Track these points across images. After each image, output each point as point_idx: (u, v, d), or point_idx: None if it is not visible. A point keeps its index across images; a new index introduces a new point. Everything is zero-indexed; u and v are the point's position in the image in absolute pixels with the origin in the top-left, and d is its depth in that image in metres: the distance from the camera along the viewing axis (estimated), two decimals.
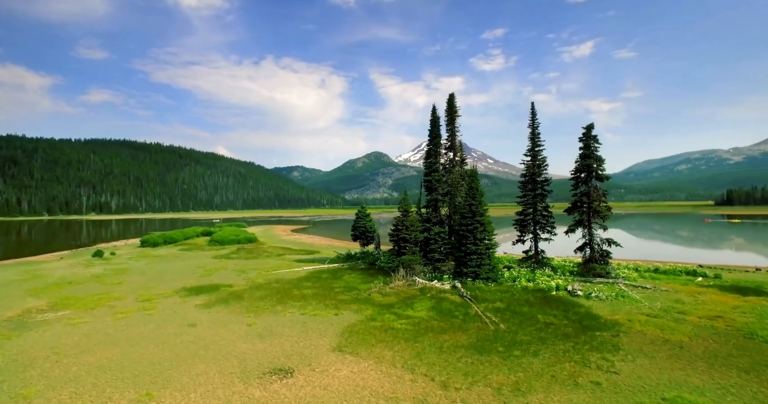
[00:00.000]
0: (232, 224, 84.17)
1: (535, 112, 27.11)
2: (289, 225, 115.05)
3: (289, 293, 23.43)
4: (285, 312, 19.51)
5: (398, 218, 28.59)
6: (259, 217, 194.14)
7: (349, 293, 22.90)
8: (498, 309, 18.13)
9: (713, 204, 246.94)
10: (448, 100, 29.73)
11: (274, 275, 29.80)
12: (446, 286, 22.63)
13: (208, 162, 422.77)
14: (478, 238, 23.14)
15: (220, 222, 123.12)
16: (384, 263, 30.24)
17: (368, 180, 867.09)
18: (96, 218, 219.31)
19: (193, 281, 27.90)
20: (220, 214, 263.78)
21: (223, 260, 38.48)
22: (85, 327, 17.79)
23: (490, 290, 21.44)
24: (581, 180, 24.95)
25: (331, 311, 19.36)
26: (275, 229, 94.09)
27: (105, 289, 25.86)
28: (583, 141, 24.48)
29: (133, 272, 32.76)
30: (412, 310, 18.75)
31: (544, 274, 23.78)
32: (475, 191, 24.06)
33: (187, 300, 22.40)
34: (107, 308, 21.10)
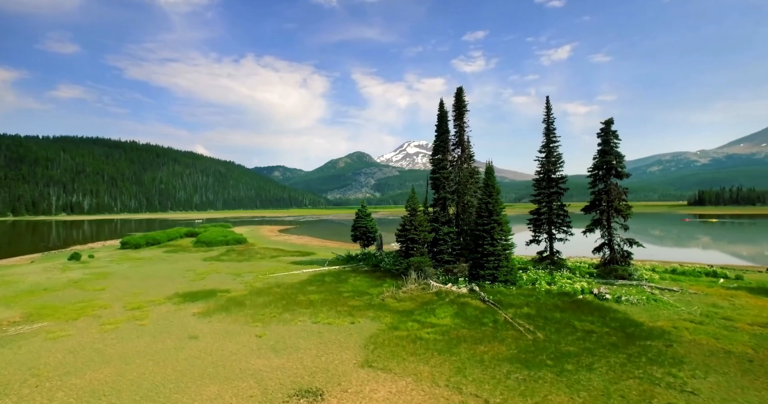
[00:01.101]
0: (217, 224, 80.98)
1: (549, 106, 26.10)
2: (275, 225, 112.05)
3: (294, 298, 21.67)
4: (295, 320, 17.79)
5: (406, 218, 27.15)
6: (241, 217, 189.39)
7: (360, 298, 21.32)
8: (528, 316, 16.91)
9: (686, 204, 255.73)
10: (456, 94, 28.50)
11: (272, 278, 27.88)
12: (463, 290, 21.33)
13: (186, 161, 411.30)
14: (495, 238, 21.94)
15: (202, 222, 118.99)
16: (390, 266, 28.75)
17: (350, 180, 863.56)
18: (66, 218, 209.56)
19: (185, 286, 25.74)
20: (200, 214, 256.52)
21: (213, 263, 36.17)
22: (69, 341, 15.63)
23: (512, 294, 20.23)
24: (599, 177, 24.07)
25: (346, 318, 17.76)
26: (261, 229, 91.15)
27: (87, 296, 23.45)
28: (602, 137, 23.60)
29: (117, 276, 30.21)
30: (434, 317, 17.34)
31: (564, 276, 22.77)
32: (491, 188, 22.86)
33: (182, 308, 20.36)
34: (92, 318, 18.87)
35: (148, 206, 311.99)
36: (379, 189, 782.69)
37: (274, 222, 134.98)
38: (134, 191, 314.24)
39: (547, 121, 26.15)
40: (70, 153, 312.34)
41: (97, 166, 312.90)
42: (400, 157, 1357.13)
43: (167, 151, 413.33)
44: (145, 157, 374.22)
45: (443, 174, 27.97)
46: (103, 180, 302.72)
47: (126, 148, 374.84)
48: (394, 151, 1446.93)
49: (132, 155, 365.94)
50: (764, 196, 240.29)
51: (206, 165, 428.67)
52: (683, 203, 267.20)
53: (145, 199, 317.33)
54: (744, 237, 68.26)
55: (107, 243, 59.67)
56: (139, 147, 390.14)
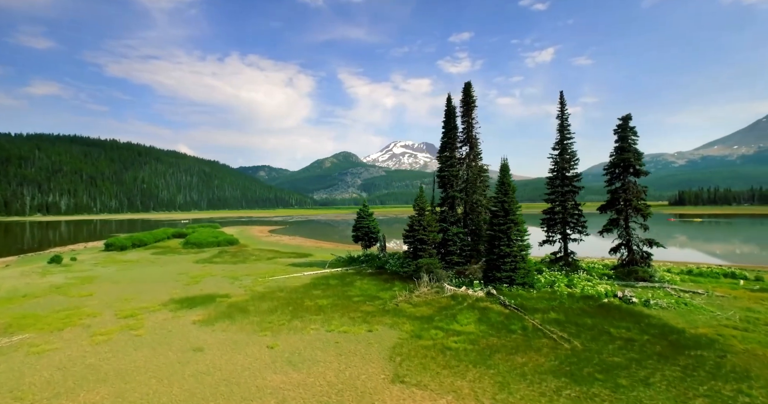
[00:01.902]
0: (204, 224, 78.46)
1: (564, 102, 25.31)
2: (264, 226, 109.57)
3: (301, 304, 20.30)
4: (306, 328, 16.45)
5: (414, 218, 26.05)
6: (228, 217, 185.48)
7: (371, 303, 20.08)
8: (558, 322, 15.95)
9: (668, 204, 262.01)
10: (464, 89, 27.52)
11: (273, 282, 26.39)
12: (480, 293, 20.32)
13: (170, 160, 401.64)
14: (512, 239, 21.00)
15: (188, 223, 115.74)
16: (397, 268, 27.59)
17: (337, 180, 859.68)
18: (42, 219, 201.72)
19: (180, 291, 24.06)
20: (185, 215, 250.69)
21: (207, 265, 34.35)
22: (56, 356, 13.98)
23: (533, 298, 19.30)
24: (616, 175, 23.39)
25: (362, 326, 16.51)
26: (251, 230, 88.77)
27: (72, 303, 21.58)
28: (619, 134, 22.92)
29: (103, 280, 28.22)
30: (457, 323, 16.24)
31: (582, 278, 21.97)
32: (507, 187, 21.93)
33: (180, 315, 18.78)
34: (80, 328, 17.16)
35: (129, 207, 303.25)
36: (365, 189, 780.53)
37: (263, 223, 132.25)
38: (115, 191, 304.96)
39: (561, 117, 25.37)
40: (45, 151, 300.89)
41: (74, 165, 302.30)
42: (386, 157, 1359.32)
43: (149, 150, 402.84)
44: (127, 156, 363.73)
45: (452, 172, 26.95)
46: (82, 179, 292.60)
47: (106, 146, 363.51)
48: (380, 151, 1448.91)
49: (112, 153, 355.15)
50: (739, 196, 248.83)
51: (190, 165, 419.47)
52: (665, 203, 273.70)
53: (126, 199, 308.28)
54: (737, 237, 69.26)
55: (89, 245, 56.85)
56: (119, 146, 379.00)
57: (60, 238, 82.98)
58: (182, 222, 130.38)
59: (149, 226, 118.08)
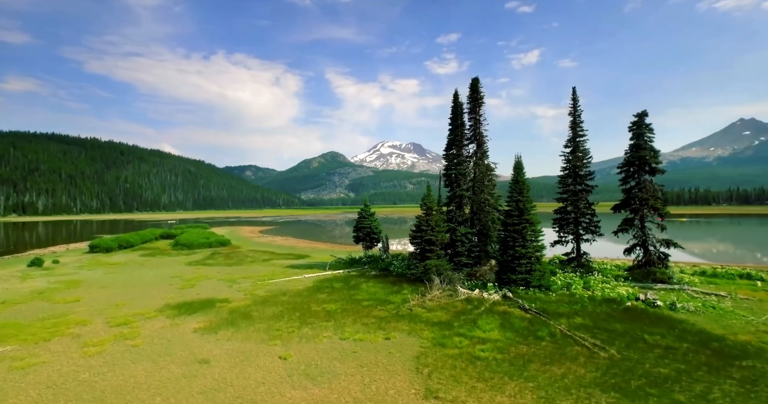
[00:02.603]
0: (192, 225, 76.17)
1: (576, 98, 24.67)
2: (254, 226, 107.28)
3: (308, 309, 19.16)
4: (318, 336, 15.35)
5: (421, 217, 25.14)
6: (215, 218, 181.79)
7: (383, 307, 19.06)
8: (585, 327, 15.18)
9: None
10: (472, 85, 26.70)
11: (273, 285, 25.14)
12: (495, 296, 19.49)
13: (154, 160, 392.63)
14: (527, 239, 20.25)
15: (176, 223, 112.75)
16: (402, 270, 26.61)
17: (324, 180, 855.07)
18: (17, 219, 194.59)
19: (175, 296, 22.63)
20: (170, 215, 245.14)
21: (200, 268, 32.79)
22: (43, 371, 12.60)
23: (552, 301, 18.53)
24: (630, 174, 22.85)
25: (377, 333, 15.49)
26: (241, 230, 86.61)
27: (58, 310, 19.99)
28: (634, 130, 22.34)
29: (91, 285, 26.53)
30: (479, 330, 15.34)
31: (598, 280, 21.32)
32: (521, 185, 21.19)
33: (178, 323, 17.45)
34: (69, 338, 15.72)
35: (111, 207, 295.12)
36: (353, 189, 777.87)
37: (252, 223, 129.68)
38: (96, 191, 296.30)
39: (573, 114, 24.76)
40: (21, 150, 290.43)
41: (53, 164, 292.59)
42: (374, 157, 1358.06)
43: (132, 149, 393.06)
44: (108, 155, 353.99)
45: (460, 170, 26.12)
46: (60, 179, 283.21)
47: (86, 145, 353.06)
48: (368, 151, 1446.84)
49: (93, 152, 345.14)
50: (718, 196, 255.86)
51: (175, 164, 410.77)
52: None
53: (108, 199, 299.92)
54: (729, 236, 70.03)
55: (71, 246, 54.32)
56: (101, 144, 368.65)
57: (38, 239, 79.46)
58: (169, 223, 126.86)
59: (133, 227, 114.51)
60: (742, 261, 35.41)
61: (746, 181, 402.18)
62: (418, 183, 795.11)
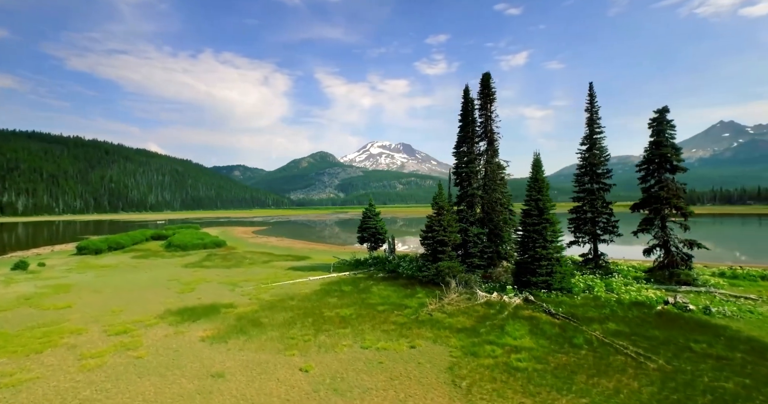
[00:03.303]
0: (183, 225, 74.06)
1: (593, 93, 23.98)
2: (245, 227, 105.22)
3: (320, 314, 18.08)
4: (338, 345, 14.31)
5: (432, 217, 24.26)
6: (204, 218, 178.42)
7: (399, 312, 18.10)
8: (622, 334, 14.35)
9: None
10: (483, 80, 25.91)
11: (278, 288, 23.97)
12: (516, 300, 18.68)
13: (140, 159, 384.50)
14: (547, 240, 19.51)
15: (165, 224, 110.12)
16: (412, 271, 25.68)
17: (314, 180, 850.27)
18: None
19: (175, 301, 21.31)
20: (157, 215, 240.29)
21: (197, 270, 31.34)
22: (38, 388, 11.33)
23: (578, 305, 17.76)
24: (650, 172, 22.24)
25: (400, 341, 14.51)
26: (233, 231, 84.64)
27: (48, 317, 18.54)
28: (654, 127, 21.73)
29: (82, 289, 24.97)
30: (509, 337, 14.45)
31: (619, 282, 20.63)
32: (540, 183, 20.45)
33: (183, 330, 16.22)
34: (64, 349, 14.38)
35: (96, 207, 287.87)
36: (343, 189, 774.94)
37: (243, 223, 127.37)
38: (79, 191, 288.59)
39: (590, 110, 24.10)
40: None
41: (33, 162, 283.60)
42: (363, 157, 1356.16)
43: (117, 148, 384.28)
44: (92, 154, 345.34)
45: (471, 168, 25.30)
46: (42, 178, 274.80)
47: (69, 144, 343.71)
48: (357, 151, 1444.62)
49: (76, 151, 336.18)
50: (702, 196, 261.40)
51: (162, 164, 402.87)
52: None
53: (92, 199, 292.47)
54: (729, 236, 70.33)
55: (57, 248, 52.06)
56: (84, 143, 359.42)
57: (19, 241, 76.34)
58: (158, 223, 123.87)
59: (118, 227, 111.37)
60: (755, 262, 35.22)
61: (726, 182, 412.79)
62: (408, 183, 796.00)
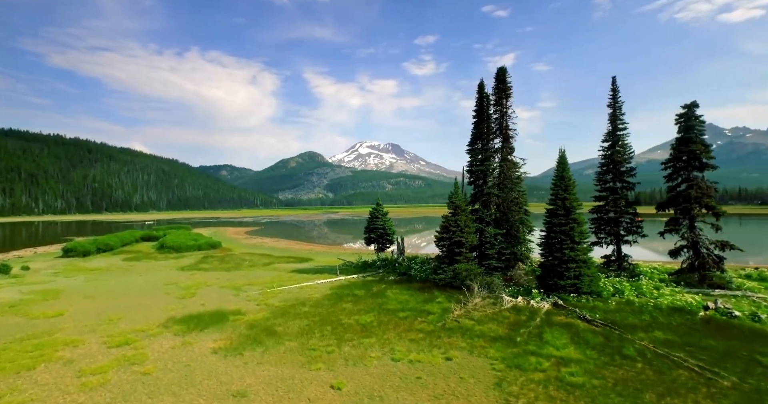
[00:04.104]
0: (173, 226, 71.71)
1: (616, 87, 23.16)
2: (237, 227, 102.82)
3: (338, 321, 16.84)
4: (366, 357, 13.10)
5: (448, 217, 23.22)
6: (192, 218, 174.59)
7: (423, 318, 16.98)
8: (674, 344, 13.24)
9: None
10: (499, 75, 24.94)
11: (286, 293, 22.62)
12: (545, 305, 17.73)
13: (124, 158, 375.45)
14: (575, 241, 18.64)
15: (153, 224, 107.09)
16: (426, 274, 24.59)
17: (303, 180, 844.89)
18: None
19: (177, 307, 19.81)
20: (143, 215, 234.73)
21: (195, 273, 29.69)
22: None
23: (612, 310, 16.77)
24: (678, 170, 21.48)
25: (434, 352, 13.36)
26: (225, 231, 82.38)
27: (38, 327, 16.89)
28: (682, 123, 20.88)
29: (73, 294, 23.21)
30: (551, 347, 13.39)
31: (648, 285, 19.82)
32: (566, 181, 19.59)
33: (191, 341, 14.81)
34: (60, 364, 12.87)
35: (78, 207, 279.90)
36: (332, 190, 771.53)
37: (234, 224, 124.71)
38: (61, 190, 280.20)
39: (613, 105, 23.28)
40: None
41: (10, 161, 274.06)
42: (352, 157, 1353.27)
43: (101, 147, 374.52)
44: (74, 153, 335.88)
45: (487, 166, 24.35)
46: (20, 178, 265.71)
47: (49, 142, 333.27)
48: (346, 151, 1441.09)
49: (57, 150, 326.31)
50: None
51: (147, 163, 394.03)
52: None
53: (74, 199, 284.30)
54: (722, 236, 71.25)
55: (40, 250, 49.52)
56: (66, 142, 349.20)
57: None
58: (146, 223, 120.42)
59: (102, 228, 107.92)
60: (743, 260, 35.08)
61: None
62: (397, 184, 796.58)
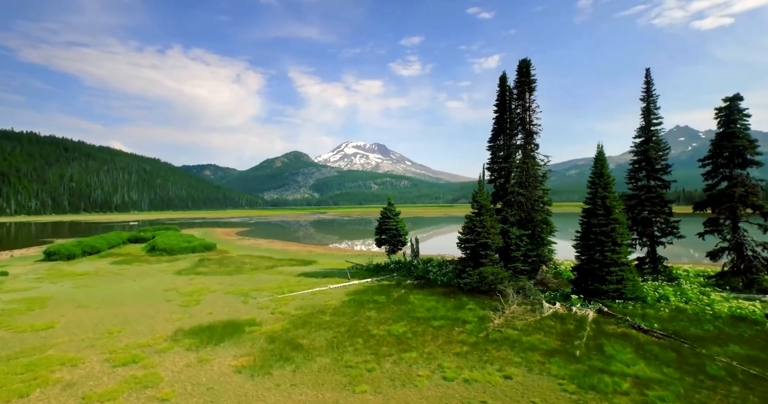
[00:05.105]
0: (161, 227, 68.65)
1: (650, 80, 22.06)
2: (225, 228, 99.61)
3: (368, 332, 15.26)
4: (413, 376, 11.58)
5: (473, 218, 21.90)
6: (177, 219, 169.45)
7: (461, 328, 15.54)
8: (761, 361, 11.90)
9: None
10: (522, 67, 23.73)
11: (299, 299, 20.89)
12: (588, 312, 16.50)
13: (104, 157, 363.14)
14: (617, 242, 17.52)
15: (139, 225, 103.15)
16: (447, 278, 23.23)
17: (288, 180, 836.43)
18: None
19: (183, 316, 17.90)
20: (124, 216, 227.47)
21: (195, 278, 27.59)
22: None
23: (666, 319, 15.47)
24: (718, 167, 20.44)
25: (488, 369, 11.89)
26: (215, 232, 79.40)
27: (27, 342, 14.81)
28: (723, 117, 19.82)
29: (62, 303, 20.97)
30: (618, 362, 11.91)
31: (693, 290, 18.70)
32: (606, 178, 18.49)
33: (207, 357, 13.02)
34: (59, 389, 10.99)
35: (54, 207, 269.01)
36: (318, 190, 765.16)
37: (221, 224, 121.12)
38: (35, 190, 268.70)
39: (647, 99, 22.19)
40: None
41: None
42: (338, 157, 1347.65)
43: (78, 145, 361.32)
44: (50, 151, 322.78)
45: (511, 163, 23.13)
46: None
47: (22, 140, 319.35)
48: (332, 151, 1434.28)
49: (31, 148, 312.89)
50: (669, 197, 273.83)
51: (128, 162, 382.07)
52: None
53: (50, 199, 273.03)
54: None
55: (17, 253, 46.23)
56: (40, 139, 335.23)
57: None
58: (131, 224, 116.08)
59: (81, 229, 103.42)
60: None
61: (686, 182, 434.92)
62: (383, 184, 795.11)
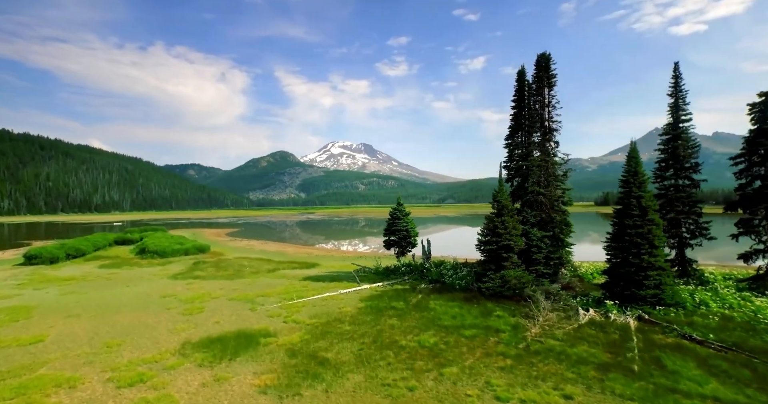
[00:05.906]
0: (147, 227, 65.85)
1: (678, 74, 21.25)
2: (213, 229, 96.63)
3: (396, 343, 13.96)
4: (460, 395, 10.36)
5: (493, 219, 20.83)
6: (161, 219, 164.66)
7: (496, 338, 14.40)
8: None
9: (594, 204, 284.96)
10: (541, 62, 22.78)
11: (310, 306, 19.44)
12: (628, 320, 15.55)
13: (83, 156, 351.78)
14: (655, 245, 16.65)
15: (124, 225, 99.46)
16: (465, 282, 22.11)
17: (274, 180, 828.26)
18: None
19: (187, 326, 16.29)
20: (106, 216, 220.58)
21: (192, 282, 25.75)
22: None
23: (714, 327, 14.39)
24: (752, 165, 19.56)
25: (543, 386, 10.76)
26: (204, 233, 76.66)
27: (15, 359, 13.04)
28: (758, 113, 18.97)
29: (50, 312, 19.03)
30: (687, 380, 10.77)
31: (732, 295, 17.88)
32: (640, 177, 17.62)
33: (224, 375, 11.54)
34: None
35: (29, 207, 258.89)
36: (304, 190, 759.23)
37: (209, 225, 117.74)
38: (8, 190, 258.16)
39: (675, 94, 21.38)
40: None
41: None
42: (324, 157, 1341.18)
43: (55, 143, 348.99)
44: (24, 149, 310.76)
45: (533, 162, 22.14)
46: None
47: None
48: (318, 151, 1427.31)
49: (4, 146, 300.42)
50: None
51: (108, 161, 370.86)
52: (591, 204, 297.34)
53: (24, 199, 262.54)
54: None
55: None
56: (13, 137, 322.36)
57: None
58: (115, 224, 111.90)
59: (57, 230, 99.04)
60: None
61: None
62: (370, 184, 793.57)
